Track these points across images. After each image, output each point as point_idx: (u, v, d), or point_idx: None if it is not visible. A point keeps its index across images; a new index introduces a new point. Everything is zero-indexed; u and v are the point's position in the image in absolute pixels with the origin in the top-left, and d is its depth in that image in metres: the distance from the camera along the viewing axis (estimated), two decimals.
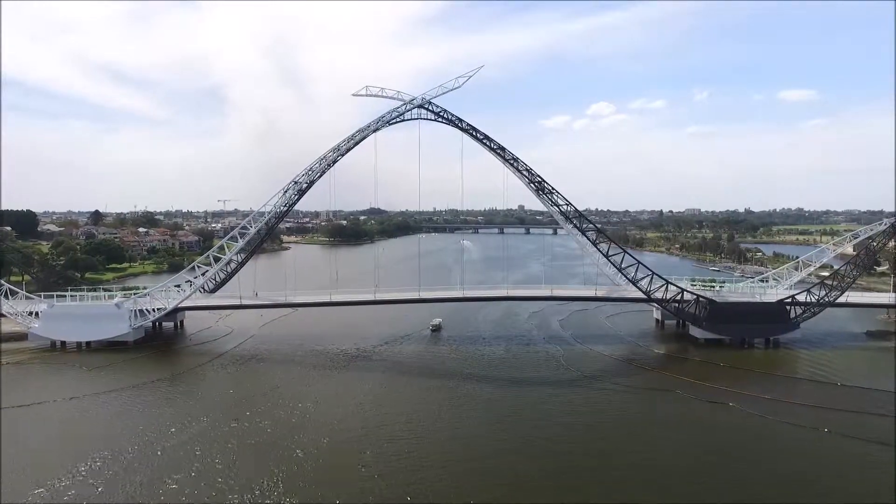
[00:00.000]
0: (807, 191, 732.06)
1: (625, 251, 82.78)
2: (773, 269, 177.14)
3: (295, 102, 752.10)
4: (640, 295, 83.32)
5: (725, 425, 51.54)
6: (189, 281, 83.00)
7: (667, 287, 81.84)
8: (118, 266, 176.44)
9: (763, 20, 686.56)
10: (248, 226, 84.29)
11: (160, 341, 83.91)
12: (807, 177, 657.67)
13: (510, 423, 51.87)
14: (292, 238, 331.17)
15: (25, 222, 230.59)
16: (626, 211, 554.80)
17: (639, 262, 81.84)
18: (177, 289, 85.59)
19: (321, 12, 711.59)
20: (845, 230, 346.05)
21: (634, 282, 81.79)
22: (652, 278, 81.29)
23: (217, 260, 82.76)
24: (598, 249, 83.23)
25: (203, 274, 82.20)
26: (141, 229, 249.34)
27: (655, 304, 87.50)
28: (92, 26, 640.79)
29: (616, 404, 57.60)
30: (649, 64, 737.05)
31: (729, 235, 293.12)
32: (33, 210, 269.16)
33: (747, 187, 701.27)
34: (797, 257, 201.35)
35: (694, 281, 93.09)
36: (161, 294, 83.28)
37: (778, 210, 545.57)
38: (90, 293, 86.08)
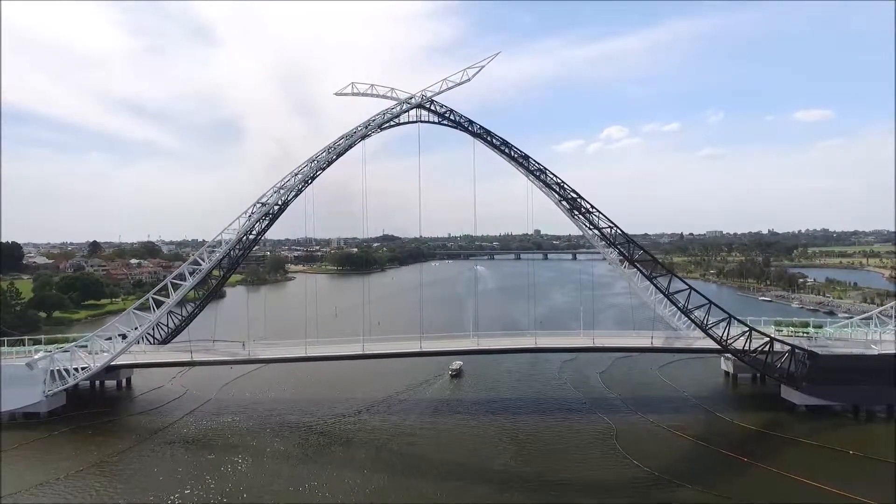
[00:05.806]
0: (827, 211, 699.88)
1: (691, 288, 62.89)
2: (835, 298, 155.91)
3: (309, 130, 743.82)
4: (710, 343, 63.54)
5: None
6: (125, 333, 64.36)
7: (749, 335, 61.58)
8: (96, 303, 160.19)
9: (771, 43, 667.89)
10: (201, 260, 65.57)
11: (89, 410, 64.88)
12: (826, 197, 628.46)
13: None
14: (299, 267, 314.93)
15: (9, 255, 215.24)
16: (646, 234, 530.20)
17: (710, 302, 62.01)
18: (117, 339, 67.18)
19: (334, 43, 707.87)
20: (886, 252, 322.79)
21: (705, 328, 61.88)
22: (730, 322, 61.31)
23: (159, 304, 63.74)
24: (656, 286, 63.50)
25: (138, 326, 63.25)
26: (133, 261, 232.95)
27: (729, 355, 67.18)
28: (112, 62, 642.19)
29: None
30: (660, 87, 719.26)
31: (765, 259, 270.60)
32: (54, 241, 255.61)
33: (766, 209, 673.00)
34: (854, 283, 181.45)
35: (780, 325, 72.28)
36: (90, 348, 64.58)
37: (804, 231, 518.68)
38: (5, 348, 67.89)
